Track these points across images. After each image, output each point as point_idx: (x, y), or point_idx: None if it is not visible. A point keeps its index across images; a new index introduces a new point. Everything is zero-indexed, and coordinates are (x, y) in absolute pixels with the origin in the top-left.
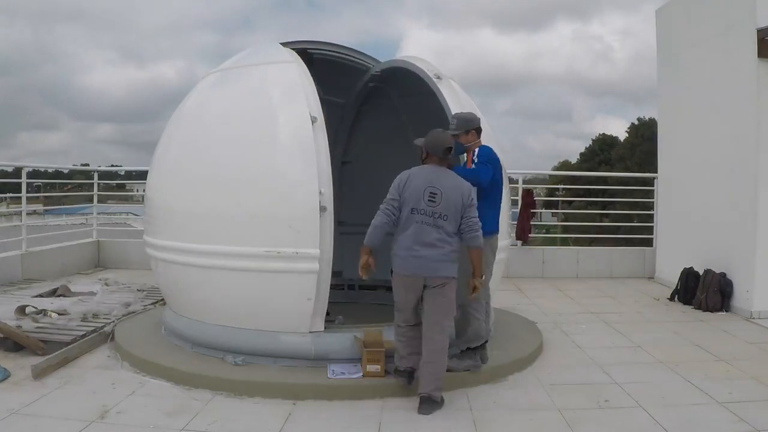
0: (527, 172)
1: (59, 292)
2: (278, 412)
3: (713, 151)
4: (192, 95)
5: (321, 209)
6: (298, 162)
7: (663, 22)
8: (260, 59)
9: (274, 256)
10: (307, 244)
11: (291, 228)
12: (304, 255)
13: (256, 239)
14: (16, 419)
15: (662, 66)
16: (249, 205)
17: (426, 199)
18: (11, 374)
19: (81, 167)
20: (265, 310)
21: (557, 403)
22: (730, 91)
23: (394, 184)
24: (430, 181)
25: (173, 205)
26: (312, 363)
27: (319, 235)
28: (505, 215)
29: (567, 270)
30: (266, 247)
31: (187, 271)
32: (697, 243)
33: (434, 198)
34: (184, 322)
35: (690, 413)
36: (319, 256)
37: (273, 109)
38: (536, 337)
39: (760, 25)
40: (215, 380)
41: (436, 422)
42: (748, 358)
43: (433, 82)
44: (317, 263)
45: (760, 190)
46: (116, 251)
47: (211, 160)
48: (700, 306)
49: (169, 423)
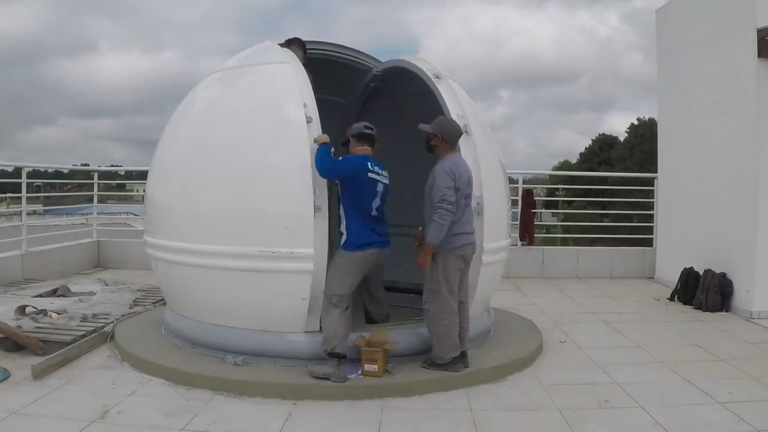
0: (527, 172)
1: (59, 292)
2: (278, 412)
3: (713, 151)
4: (191, 95)
5: (315, 209)
6: (292, 162)
7: (663, 22)
8: (257, 60)
9: (268, 255)
10: (302, 244)
11: (286, 228)
12: (299, 255)
13: (251, 239)
14: (16, 419)
15: (662, 66)
16: (244, 204)
17: (470, 184)
18: (11, 374)
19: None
20: (261, 310)
21: (557, 403)
22: (730, 91)
23: (446, 180)
24: (467, 168)
25: (172, 204)
26: (308, 363)
27: (314, 234)
28: (504, 215)
29: (567, 270)
30: (261, 246)
31: (186, 270)
32: (697, 243)
33: (470, 183)
34: (184, 322)
35: (690, 413)
36: (313, 255)
37: (268, 109)
38: (536, 337)
39: (760, 25)
40: (215, 380)
41: (436, 422)
42: (748, 358)
43: (432, 81)
44: (312, 263)
45: (761, 190)
46: (116, 251)
47: (207, 160)
48: (700, 306)
49: (169, 423)
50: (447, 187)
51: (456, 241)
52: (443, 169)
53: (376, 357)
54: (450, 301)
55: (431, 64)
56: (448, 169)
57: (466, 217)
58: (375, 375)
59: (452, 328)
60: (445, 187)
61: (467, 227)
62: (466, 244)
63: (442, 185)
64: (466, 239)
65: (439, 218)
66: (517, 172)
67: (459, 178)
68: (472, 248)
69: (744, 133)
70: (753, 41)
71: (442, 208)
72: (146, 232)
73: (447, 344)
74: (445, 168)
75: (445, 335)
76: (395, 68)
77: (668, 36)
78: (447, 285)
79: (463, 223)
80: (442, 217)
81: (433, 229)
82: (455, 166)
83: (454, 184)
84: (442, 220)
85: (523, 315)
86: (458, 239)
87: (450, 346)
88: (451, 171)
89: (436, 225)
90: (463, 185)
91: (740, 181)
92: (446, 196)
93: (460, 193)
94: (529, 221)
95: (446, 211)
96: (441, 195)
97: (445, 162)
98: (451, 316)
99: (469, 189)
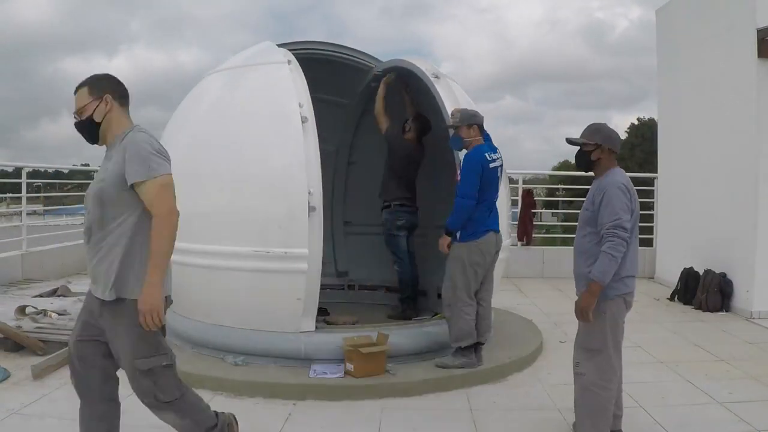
0: (527, 172)
1: (59, 292)
2: (278, 412)
3: (713, 151)
4: (191, 95)
5: (310, 209)
6: (287, 162)
7: (663, 22)
8: (255, 60)
9: (263, 255)
10: (296, 244)
11: (280, 228)
12: (293, 255)
13: (246, 239)
14: (16, 419)
15: (662, 66)
16: (239, 205)
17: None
18: (11, 374)
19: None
20: (257, 310)
21: (557, 403)
22: (730, 91)
23: (621, 200)
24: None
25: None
26: (303, 363)
27: (308, 235)
28: (504, 215)
29: (567, 270)
30: (256, 246)
31: (185, 270)
32: (697, 243)
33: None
34: (184, 322)
35: (690, 413)
36: (308, 255)
37: (264, 109)
38: (536, 337)
39: (760, 25)
40: (215, 380)
41: (436, 422)
42: (748, 358)
43: (431, 81)
44: (306, 263)
45: (761, 190)
46: None
47: (205, 160)
48: (700, 306)
49: None
50: (622, 209)
51: (625, 286)
52: (618, 186)
53: (352, 356)
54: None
55: (430, 64)
56: (623, 187)
57: (632, 253)
58: (350, 374)
59: (611, 401)
60: (620, 209)
61: (634, 268)
62: (632, 290)
63: (617, 206)
64: (632, 284)
65: (611, 249)
66: (517, 172)
67: (634, 200)
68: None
69: (744, 133)
70: (753, 41)
71: (617, 236)
72: None
73: (603, 424)
74: (619, 185)
75: (602, 411)
76: (395, 68)
77: (668, 36)
78: (614, 340)
79: (631, 259)
80: (615, 248)
81: (604, 263)
82: (629, 183)
83: (631, 206)
84: (616, 252)
85: (523, 315)
86: (628, 283)
87: (605, 424)
88: (627, 189)
89: (608, 258)
90: (637, 209)
91: (740, 181)
92: (622, 221)
93: (634, 218)
94: (528, 221)
95: (622, 239)
96: (615, 219)
97: (617, 177)
98: (614, 384)
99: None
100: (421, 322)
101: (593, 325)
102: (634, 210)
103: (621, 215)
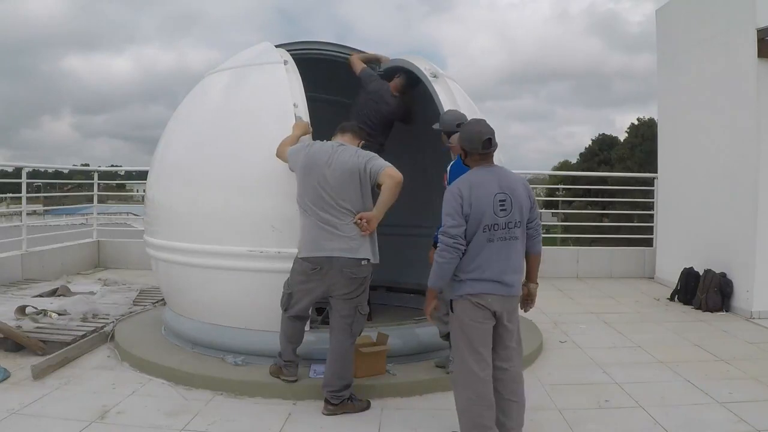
0: (527, 172)
1: (59, 292)
2: (278, 412)
3: (713, 151)
4: (190, 95)
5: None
6: (281, 162)
7: (663, 22)
8: (252, 60)
9: (257, 255)
10: (289, 244)
11: (273, 228)
12: (286, 254)
13: (241, 239)
14: (16, 419)
15: (662, 66)
16: (234, 204)
17: (498, 209)
18: (11, 374)
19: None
20: (253, 309)
21: (557, 403)
22: (730, 91)
23: (450, 204)
24: (498, 186)
25: (172, 204)
26: (303, 363)
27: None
28: None
29: (567, 270)
30: (250, 246)
31: (184, 270)
32: (697, 243)
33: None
34: (184, 322)
35: (690, 413)
36: None
37: (260, 109)
38: (536, 337)
39: (760, 25)
40: (215, 380)
41: (436, 422)
42: (748, 358)
43: (429, 80)
44: None
45: (760, 190)
46: (116, 251)
47: (203, 161)
48: (700, 306)
49: (169, 423)
50: (449, 214)
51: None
52: (450, 190)
53: None
54: (471, 365)
55: (429, 63)
56: (456, 190)
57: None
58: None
59: (475, 404)
60: (446, 214)
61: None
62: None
63: (444, 211)
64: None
65: (437, 255)
66: (516, 172)
67: (485, 201)
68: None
69: (744, 133)
70: (753, 41)
71: (441, 241)
72: (146, 232)
73: (467, 424)
74: (452, 188)
75: (462, 413)
76: (395, 68)
77: (668, 36)
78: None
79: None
80: (439, 254)
81: (432, 269)
82: (477, 184)
83: (468, 210)
84: (440, 258)
85: (522, 315)
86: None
87: (471, 426)
88: (459, 194)
89: (435, 263)
90: (489, 209)
91: (740, 181)
92: (445, 227)
93: (483, 218)
94: None
95: (445, 245)
96: (442, 224)
97: (460, 179)
98: (475, 389)
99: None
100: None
101: (450, 323)
102: (486, 211)
103: (446, 221)
